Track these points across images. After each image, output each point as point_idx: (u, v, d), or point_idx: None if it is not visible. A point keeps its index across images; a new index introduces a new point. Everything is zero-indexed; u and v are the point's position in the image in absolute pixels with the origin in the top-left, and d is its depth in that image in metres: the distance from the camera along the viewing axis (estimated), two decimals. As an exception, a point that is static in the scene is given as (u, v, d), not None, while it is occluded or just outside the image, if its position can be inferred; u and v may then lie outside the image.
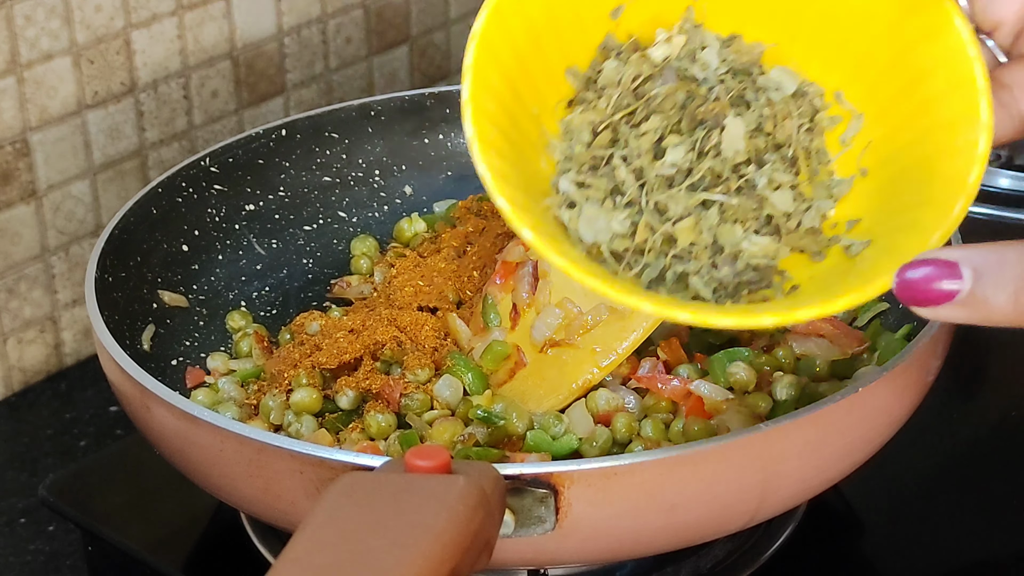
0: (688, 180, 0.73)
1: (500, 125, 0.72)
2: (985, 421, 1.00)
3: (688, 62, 0.76)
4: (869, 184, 0.77)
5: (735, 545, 0.88)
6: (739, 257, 0.73)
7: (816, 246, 0.75)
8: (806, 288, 0.74)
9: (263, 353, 0.94)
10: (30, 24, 1.05)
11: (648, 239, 0.72)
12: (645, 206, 0.73)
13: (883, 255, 0.72)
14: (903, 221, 0.73)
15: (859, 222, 0.76)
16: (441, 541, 0.63)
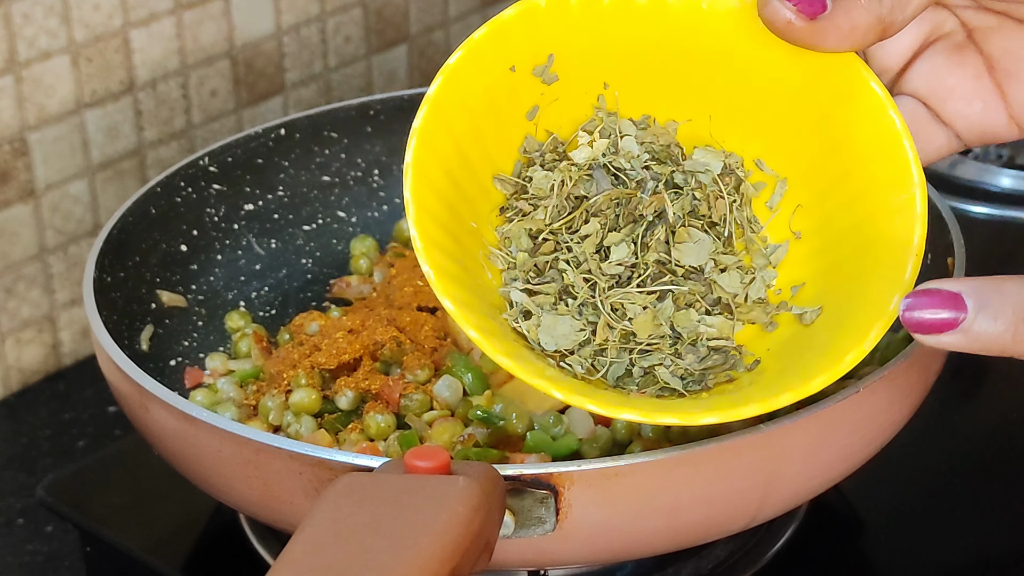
0: (636, 275, 0.75)
1: (444, 246, 0.73)
2: (985, 421, 1.00)
3: (611, 156, 0.77)
4: (806, 247, 0.78)
5: (736, 546, 0.88)
6: (698, 342, 0.74)
7: (765, 316, 0.76)
8: (767, 363, 0.75)
9: (262, 353, 0.94)
10: (28, 23, 1.04)
11: (608, 338, 0.74)
12: (601, 307, 0.74)
13: (840, 327, 0.73)
14: (852, 287, 0.74)
15: (803, 286, 0.77)
16: (441, 542, 0.63)
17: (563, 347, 0.74)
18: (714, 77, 0.78)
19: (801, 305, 0.76)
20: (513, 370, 0.70)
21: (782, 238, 0.78)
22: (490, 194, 0.77)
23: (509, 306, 0.75)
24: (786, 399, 0.70)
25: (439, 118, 0.74)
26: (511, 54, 0.76)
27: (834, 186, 0.77)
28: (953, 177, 1.20)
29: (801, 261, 0.78)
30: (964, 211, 1.17)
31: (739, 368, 0.75)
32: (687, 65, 0.78)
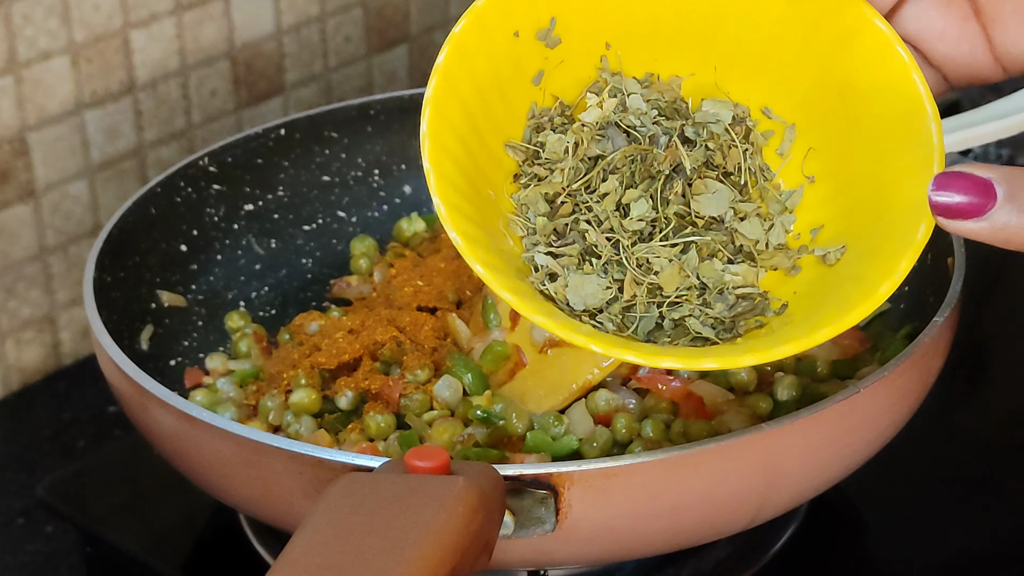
0: (658, 229, 0.74)
1: (466, 212, 0.73)
2: (985, 421, 1.00)
3: (621, 114, 0.77)
4: (821, 189, 0.77)
5: (736, 546, 0.88)
6: (725, 290, 0.74)
7: (788, 261, 0.76)
8: (795, 306, 0.74)
9: (262, 353, 0.94)
10: (28, 23, 1.04)
11: (636, 294, 0.73)
12: (627, 264, 0.74)
13: (868, 261, 0.73)
14: (874, 222, 0.74)
15: (823, 228, 0.76)
16: (441, 542, 0.63)
17: (591, 306, 0.73)
18: (714, 28, 0.78)
19: (823, 247, 0.75)
20: (550, 327, 0.69)
21: (796, 183, 0.78)
22: (502, 162, 0.77)
23: (534, 270, 0.75)
24: (825, 334, 0.70)
25: (449, 87, 0.74)
26: (514, 19, 0.75)
27: (845, 126, 0.76)
28: (953, 177, 1.20)
29: (818, 204, 0.77)
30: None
31: (768, 313, 0.74)
32: (687, 18, 0.77)
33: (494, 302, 0.90)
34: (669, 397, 0.86)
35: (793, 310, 0.74)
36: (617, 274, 0.74)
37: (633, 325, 0.73)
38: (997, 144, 1.22)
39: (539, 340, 0.88)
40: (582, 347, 0.70)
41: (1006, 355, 1.06)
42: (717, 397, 0.85)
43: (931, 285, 0.89)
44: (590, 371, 0.86)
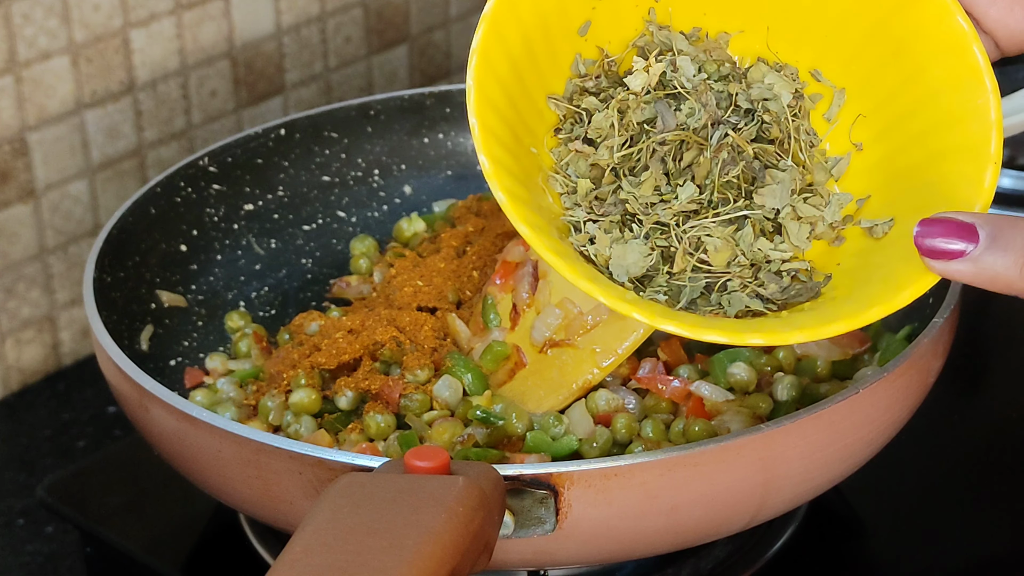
0: (710, 205, 0.74)
1: (510, 168, 0.72)
2: (985, 421, 1.00)
3: (672, 75, 0.76)
4: (869, 158, 0.76)
5: (736, 546, 0.88)
6: (778, 269, 0.74)
7: (832, 232, 0.75)
8: (839, 279, 0.73)
9: (262, 353, 0.94)
10: (28, 23, 1.04)
11: (685, 268, 0.73)
12: (675, 240, 0.73)
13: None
14: (926, 197, 0.72)
15: (869, 199, 0.75)
16: (440, 542, 0.63)
17: (633, 274, 0.73)
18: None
19: (869, 218, 0.75)
20: (594, 293, 0.68)
21: (843, 150, 0.77)
22: (544, 115, 0.76)
23: (574, 230, 0.74)
24: (876, 313, 0.70)
25: (496, 36, 0.72)
26: None
27: (896, 93, 0.75)
28: (953, 177, 1.20)
29: (864, 173, 0.76)
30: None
31: (818, 297, 0.74)
32: None
33: (494, 302, 0.90)
34: (669, 397, 0.86)
35: (837, 284, 0.73)
36: (660, 241, 0.73)
37: (681, 296, 0.73)
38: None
39: (539, 340, 0.88)
40: (624, 314, 0.68)
41: (1006, 356, 1.06)
42: (717, 397, 0.85)
43: (931, 285, 0.89)
44: (590, 371, 0.86)
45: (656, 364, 0.88)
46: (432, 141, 1.06)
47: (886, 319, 0.92)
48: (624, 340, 0.86)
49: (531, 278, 0.89)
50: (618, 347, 0.86)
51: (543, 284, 0.89)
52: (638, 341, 0.86)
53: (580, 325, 0.87)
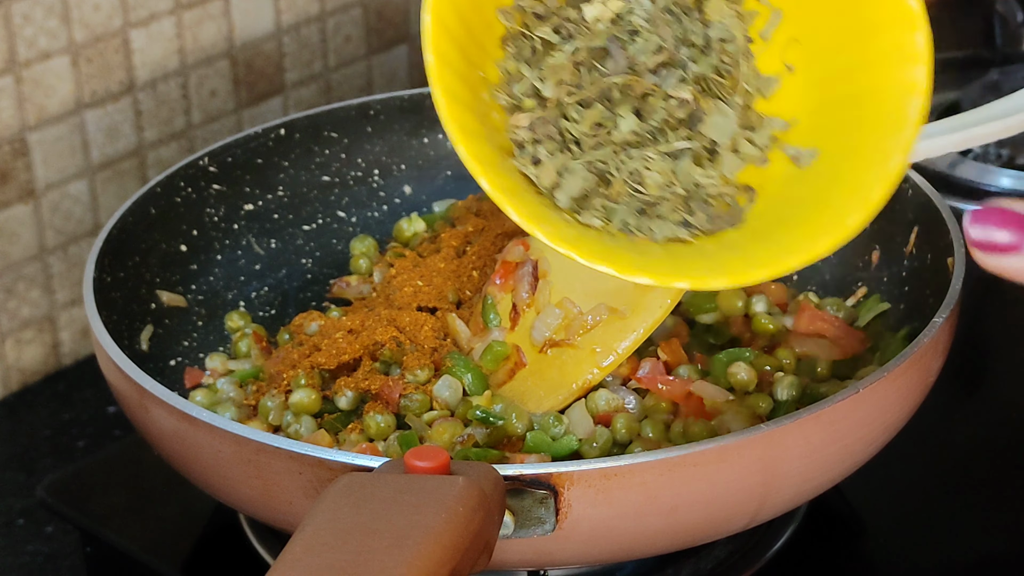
0: (647, 134, 0.74)
1: (462, 97, 0.72)
2: (985, 421, 1.00)
3: (627, 12, 0.76)
4: (800, 82, 0.76)
5: (736, 546, 0.88)
6: (705, 197, 0.74)
7: (760, 154, 0.75)
8: (764, 206, 0.73)
9: (262, 353, 0.94)
10: (28, 23, 1.04)
11: (620, 192, 0.74)
12: (618, 169, 0.74)
13: (839, 183, 0.71)
14: (850, 134, 0.72)
15: (797, 124, 0.75)
16: (440, 542, 0.63)
17: (572, 193, 0.73)
18: None
19: (795, 145, 0.74)
20: (536, 231, 0.70)
21: (775, 71, 0.77)
22: (492, 27, 0.75)
23: (518, 149, 0.74)
24: (794, 263, 0.69)
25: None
26: None
27: (832, 24, 0.74)
28: (953, 177, 1.20)
29: (794, 97, 0.76)
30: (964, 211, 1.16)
31: (739, 223, 0.74)
32: None
33: (494, 302, 0.90)
34: (669, 397, 0.86)
35: (760, 211, 0.73)
36: (600, 165, 0.74)
37: (614, 218, 0.73)
38: (997, 144, 1.22)
39: (539, 340, 0.88)
40: (563, 253, 0.70)
41: (1006, 355, 1.06)
42: (717, 397, 0.85)
43: (931, 285, 0.89)
44: (590, 371, 0.86)
45: (656, 364, 0.88)
46: (432, 141, 1.06)
47: (886, 319, 0.92)
48: (624, 340, 0.86)
49: (531, 278, 0.89)
50: (618, 347, 0.86)
51: (543, 284, 0.89)
52: (638, 341, 0.86)
53: (580, 325, 0.87)
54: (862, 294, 0.95)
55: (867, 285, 0.96)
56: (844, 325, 0.91)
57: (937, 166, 1.21)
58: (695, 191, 0.75)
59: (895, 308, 0.92)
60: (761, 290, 0.94)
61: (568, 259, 0.70)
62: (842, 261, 0.98)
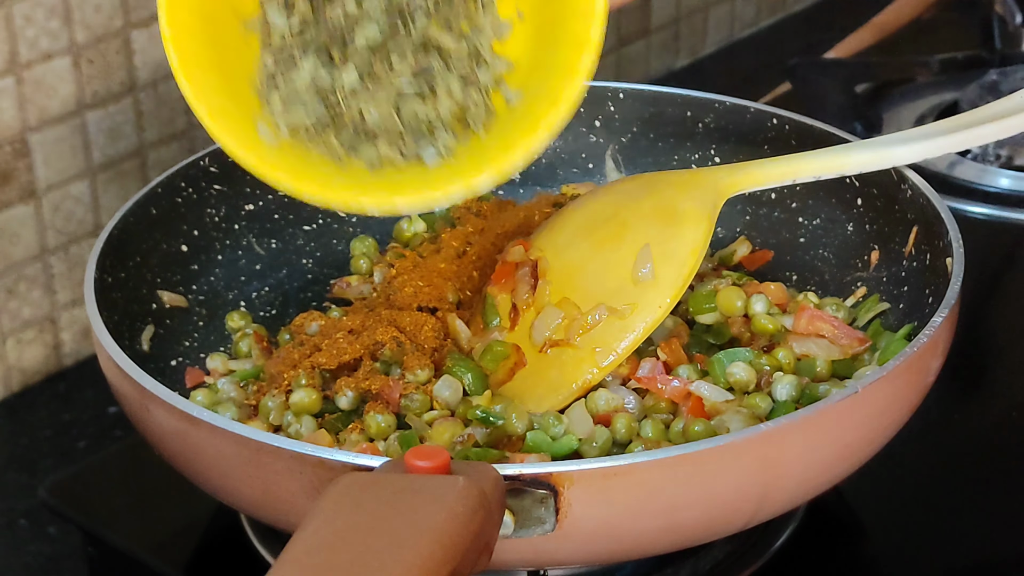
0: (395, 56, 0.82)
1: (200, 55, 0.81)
2: (985, 421, 1.00)
3: None
4: (525, 29, 0.83)
5: (734, 546, 0.88)
6: (428, 130, 0.81)
7: (482, 98, 0.82)
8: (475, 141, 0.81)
9: (262, 353, 0.94)
10: (29, 24, 1.04)
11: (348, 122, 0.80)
12: (344, 102, 0.80)
13: (537, 98, 0.80)
14: (547, 58, 0.81)
15: (515, 69, 0.82)
16: (441, 542, 0.63)
17: (299, 123, 0.80)
18: None
19: (509, 87, 0.82)
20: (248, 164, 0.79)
21: (508, 16, 0.83)
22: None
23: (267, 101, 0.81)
24: (486, 179, 0.78)
25: None
26: None
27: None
28: (952, 178, 1.21)
29: (518, 41, 0.83)
30: (963, 212, 1.17)
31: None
32: None
33: (494, 302, 0.90)
34: (668, 397, 0.86)
35: (474, 145, 0.81)
36: (329, 97, 0.81)
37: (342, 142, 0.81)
38: (996, 145, 1.23)
39: (539, 340, 0.88)
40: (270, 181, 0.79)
41: (1005, 355, 1.06)
42: (716, 397, 0.85)
43: (930, 285, 0.89)
44: (590, 371, 0.87)
45: (656, 364, 0.88)
46: (432, 141, 1.06)
47: (886, 319, 0.92)
48: (623, 340, 0.86)
49: (531, 278, 0.90)
50: (618, 347, 0.86)
51: (543, 284, 0.89)
52: (638, 341, 0.86)
53: (580, 325, 0.87)
54: (861, 294, 0.96)
55: (866, 285, 0.96)
56: (843, 325, 0.91)
57: (936, 166, 1.21)
58: (416, 123, 0.81)
59: (894, 308, 0.93)
60: (761, 290, 0.94)
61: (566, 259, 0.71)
62: (841, 261, 0.98)
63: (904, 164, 0.92)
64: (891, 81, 1.33)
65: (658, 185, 0.91)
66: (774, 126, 1.01)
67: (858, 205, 0.97)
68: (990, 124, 0.88)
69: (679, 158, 1.04)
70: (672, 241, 0.87)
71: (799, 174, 0.90)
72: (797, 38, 1.57)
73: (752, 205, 1.02)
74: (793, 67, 1.29)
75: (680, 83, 1.12)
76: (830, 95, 1.27)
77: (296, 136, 0.81)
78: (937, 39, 1.45)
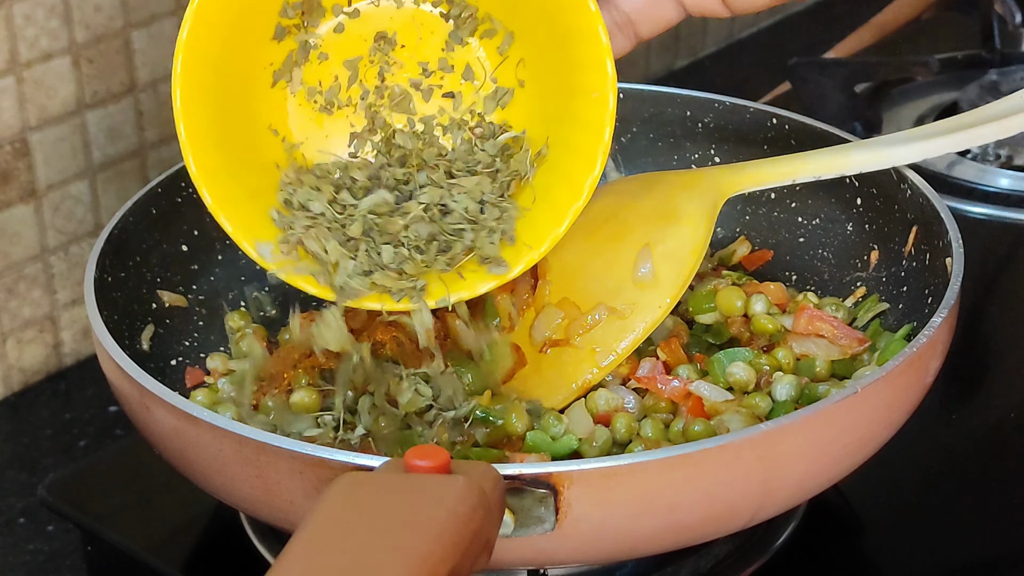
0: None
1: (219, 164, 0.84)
2: (985, 421, 1.00)
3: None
4: (528, 96, 0.86)
5: (735, 545, 0.88)
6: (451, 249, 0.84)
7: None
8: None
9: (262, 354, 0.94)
10: (29, 24, 1.05)
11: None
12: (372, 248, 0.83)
13: (562, 183, 0.84)
14: (568, 143, 0.84)
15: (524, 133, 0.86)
16: (440, 541, 0.63)
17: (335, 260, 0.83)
18: None
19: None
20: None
21: (509, 84, 0.86)
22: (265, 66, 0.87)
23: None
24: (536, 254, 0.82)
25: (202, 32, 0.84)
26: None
27: (548, 50, 0.84)
28: (951, 178, 1.21)
29: (521, 109, 0.86)
30: (963, 212, 1.17)
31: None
32: None
33: (494, 302, 0.90)
34: (668, 397, 0.86)
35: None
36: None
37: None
38: (996, 144, 1.23)
39: (539, 340, 0.88)
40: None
41: (1005, 355, 1.06)
42: (716, 397, 0.85)
43: (929, 285, 0.89)
44: (590, 371, 0.87)
45: (656, 364, 0.88)
46: (432, 141, 1.06)
47: (885, 319, 0.92)
48: (623, 340, 0.86)
49: (531, 278, 0.90)
50: (617, 346, 0.86)
51: (543, 284, 0.89)
52: (637, 341, 0.86)
53: (580, 325, 0.87)
54: (861, 294, 0.96)
55: (866, 285, 0.96)
56: (843, 325, 0.91)
57: (936, 166, 1.21)
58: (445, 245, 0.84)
59: (894, 308, 0.93)
60: (760, 290, 0.94)
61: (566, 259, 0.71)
62: (841, 261, 0.98)
63: (904, 164, 0.92)
64: (891, 81, 1.33)
65: (658, 185, 0.91)
66: (774, 126, 1.01)
67: (858, 205, 0.97)
68: (990, 124, 0.88)
69: (679, 158, 1.04)
70: (672, 241, 0.87)
71: (799, 174, 0.90)
72: (797, 38, 1.57)
73: (752, 205, 1.02)
74: (793, 67, 1.29)
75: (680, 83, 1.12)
76: (830, 95, 1.27)
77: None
78: (937, 39, 1.45)
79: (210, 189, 0.83)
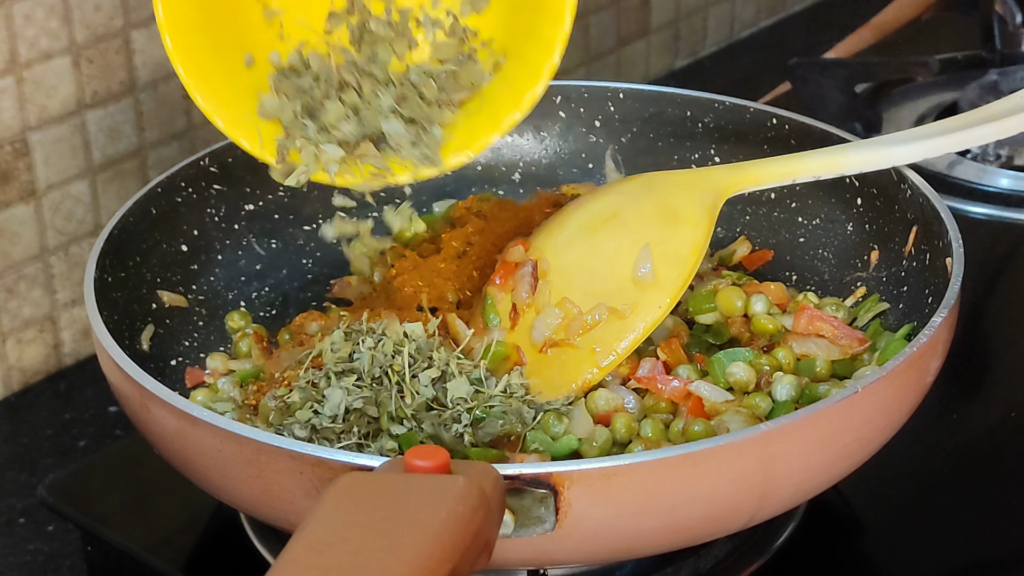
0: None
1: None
2: (985, 421, 1.00)
3: None
4: (500, 6, 0.88)
5: (735, 545, 0.88)
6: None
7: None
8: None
9: (262, 353, 0.94)
10: (29, 23, 1.05)
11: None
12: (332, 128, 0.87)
13: (516, 70, 0.86)
14: (525, 34, 0.86)
15: (492, 41, 0.88)
16: (440, 541, 0.63)
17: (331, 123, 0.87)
18: None
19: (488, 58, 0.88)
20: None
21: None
22: None
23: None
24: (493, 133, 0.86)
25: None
26: None
27: None
28: (952, 178, 1.21)
29: (494, 15, 0.89)
30: (963, 212, 1.17)
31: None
32: None
33: (494, 302, 0.90)
34: (668, 397, 0.86)
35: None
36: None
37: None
38: (996, 145, 1.23)
39: (539, 340, 0.88)
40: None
41: (1005, 355, 1.06)
42: (716, 397, 0.85)
43: (930, 285, 0.89)
44: (590, 371, 0.87)
45: (656, 364, 0.88)
46: (432, 141, 1.06)
47: (885, 319, 0.92)
48: (623, 340, 0.86)
49: (531, 278, 0.90)
50: (618, 346, 0.86)
51: (543, 284, 0.89)
52: (637, 341, 0.86)
53: (580, 325, 0.87)
54: (861, 294, 0.96)
55: (866, 285, 0.96)
56: (843, 325, 0.91)
57: (936, 166, 1.21)
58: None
59: (894, 308, 0.93)
60: (761, 290, 0.94)
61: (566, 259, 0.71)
62: (841, 261, 0.98)
63: (904, 164, 0.92)
64: (891, 81, 1.33)
65: (658, 185, 0.91)
66: (774, 126, 1.01)
67: (858, 205, 0.97)
68: (990, 124, 0.88)
69: (679, 158, 1.04)
70: (672, 241, 0.87)
71: (799, 174, 0.90)
72: (797, 38, 1.58)
73: (752, 205, 1.02)
74: (793, 67, 1.29)
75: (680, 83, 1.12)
76: (830, 95, 1.27)
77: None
78: (937, 39, 1.45)
79: (186, 68, 0.87)
